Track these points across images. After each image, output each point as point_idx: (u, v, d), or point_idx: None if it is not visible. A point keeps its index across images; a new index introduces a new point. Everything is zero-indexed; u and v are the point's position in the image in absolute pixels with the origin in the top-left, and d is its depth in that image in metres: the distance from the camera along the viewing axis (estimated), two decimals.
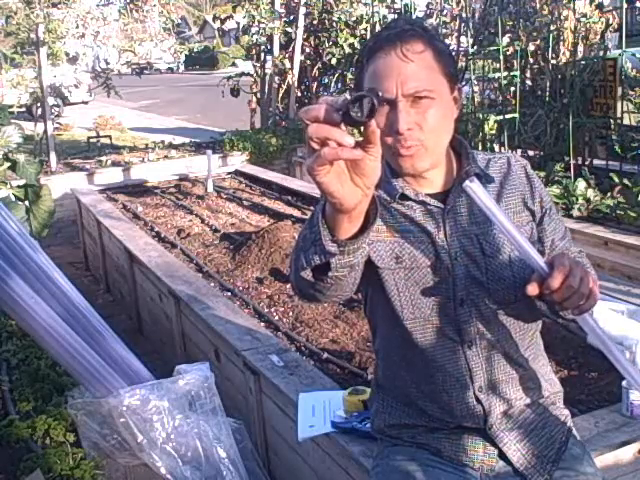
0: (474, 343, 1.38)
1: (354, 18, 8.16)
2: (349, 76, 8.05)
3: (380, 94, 0.90)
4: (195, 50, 37.75)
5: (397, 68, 1.24)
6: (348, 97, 0.86)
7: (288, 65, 8.30)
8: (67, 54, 8.14)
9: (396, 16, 7.51)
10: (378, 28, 7.27)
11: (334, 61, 8.19)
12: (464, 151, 1.40)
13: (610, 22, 5.52)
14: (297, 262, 1.12)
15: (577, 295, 1.13)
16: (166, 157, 7.70)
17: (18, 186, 4.45)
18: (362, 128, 0.88)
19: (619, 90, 5.22)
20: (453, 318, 1.37)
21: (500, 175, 1.41)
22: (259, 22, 8.29)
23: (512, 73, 5.72)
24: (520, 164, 1.44)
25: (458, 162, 1.40)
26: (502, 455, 1.41)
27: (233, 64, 31.50)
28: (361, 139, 0.89)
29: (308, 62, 8.50)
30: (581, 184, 4.87)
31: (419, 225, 1.36)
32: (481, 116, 5.99)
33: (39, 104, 7.62)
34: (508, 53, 5.83)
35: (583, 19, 5.50)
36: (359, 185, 0.91)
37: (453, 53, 6.48)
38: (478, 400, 1.40)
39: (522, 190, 1.40)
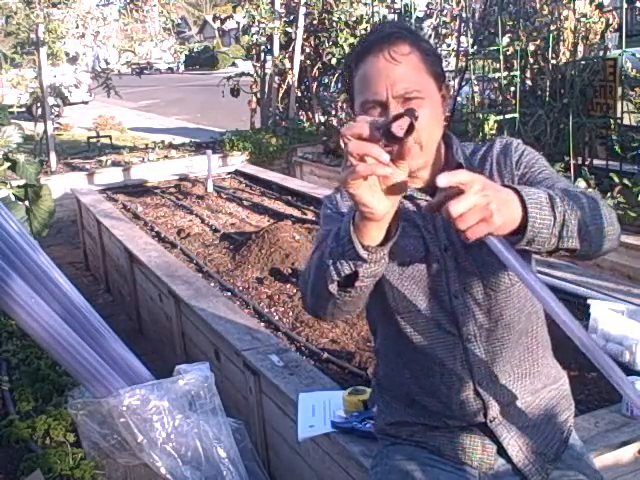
0: (472, 336, 1.38)
1: (354, 18, 8.15)
2: None
3: (417, 113, 0.96)
4: (195, 50, 37.76)
5: (385, 70, 1.26)
6: (389, 117, 0.96)
7: (288, 65, 8.30)
8: (67, 54, 8.14)
9: (396, 16, 7.51)
10: None
11: (334, 61, 8.18)
12: (451, 144, 1.40)
13: (610, 22, 5.52)
14: (319, 279, 1.20)
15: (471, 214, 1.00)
16: (166, 157, 7.71)
17: (18, 186, 4.45)
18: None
19: (619, 90, 5.22)
20: (450, 311, 1.38)
21: (483, 161, 1.40)
22: (259, 22, 8.30)
23: (512, 73, 5.72)
24: (501, 143, 1.41)
25: (446, 155, 1.41)
26: (501, 453, 1.42)
27: (233, 64, 31.49)
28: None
29: (308, 62, 8.50)
30: (581, 184, 4.87)
31: (409, 220, 1.37)
32: (481, 116, 5.98)
33: (39, 104, 7.63)
34: (508, 53, 5.83)
35: (583, 19, 5.49)
36: (389, 194, 1.01)
37: (453, 53, 6.50)
38: (478, 394, 1.40)
39: (500, 169, 1.38)
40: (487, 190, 0.99)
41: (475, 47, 6.35)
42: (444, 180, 0.97)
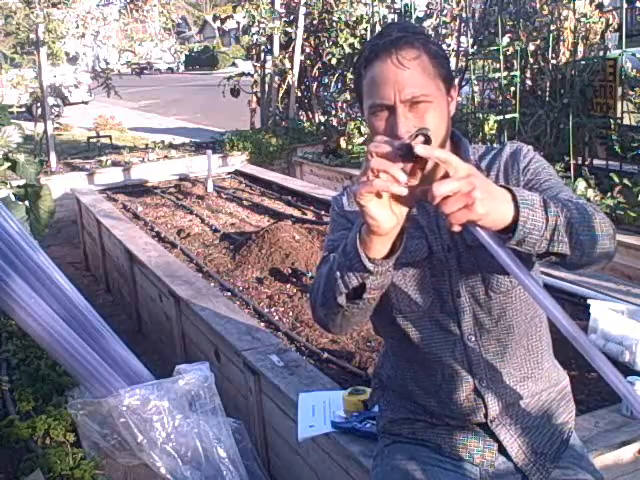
0: (473, 335, 1.39)
1: (354, 18, 8.15)
2: (349, 76, 8.05)
3: (430, 132, 1.06)
4: (195, 50, 37.79)
5: (394, 75, 1.26)
6: (406, 141, 1.06)
7: (288, 65, 8.30)
8: (67, 54, 8.14)
9: (396, 16, 7.51)
10: (378, 28, 7.26)
11: (334, 61, 8.18)
12: (460, 144, 1.41)
13: (610, 22, 5.52)
14: (329, 291, 1.24)
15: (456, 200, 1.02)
16: (166, 157, 7.71)
17: (18, 186, 4.45)
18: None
19: (619, 90, 5.22)
20: (452, 311, 1.39)
21: (491, 163, 1.41)
22: (259, 22, 8.29)
23: (512, 73, 5.72)
24: (511, 148, 1.42)
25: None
26: (502, 451, 1.42)
27: (233, 64, 31.51)
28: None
29: (308, 62, 8.50)
30: (581, 184, 4.87)
31: (413, 220, 1.37)
32: (481, 116, 5.98)
33: (39, 104, 7.62)
34: (508, 53, 5.83)
35: (583, 19, 5.49)
36: (395, 213, 1.09)
37: (453, 53, 6.49)
38: (478, 394, 1.41)
39: (507, 173, 1.39)
40: (473, 179, 1.02)
41: (475, 47, 6.35)
42: (421, 149, 1.03)
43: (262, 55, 8.68)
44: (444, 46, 6.95)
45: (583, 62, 5.46)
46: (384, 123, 1.28)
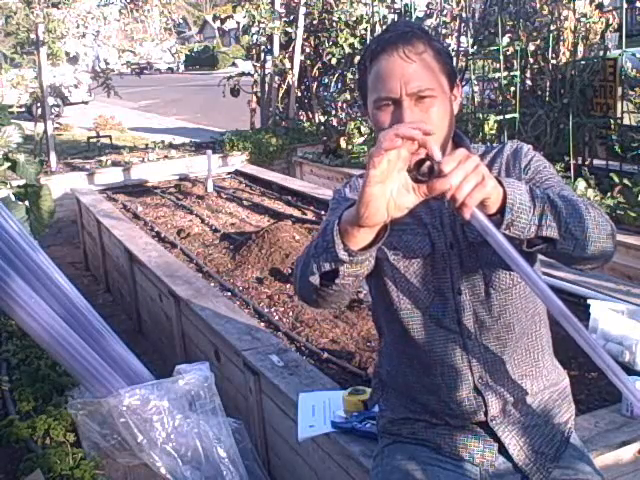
0: (474, 333, 1.39)
1: (354, 18, 8.14)
2: (349, 76, 8.05)
3: (438, 159, 1.05)
4: (195, 50, 37.83)
5: (400, 68, 1.27)
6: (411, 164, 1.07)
7: (288, 65, 8.30)
8: (67, 54, 8.14)
9: (396, 16, 7.50)
10: (378, 28, 7.26)
11: (334, 61, 8.18)
12: (461, 143, 1.41)
13: (610, 22, 5.52)
14: (306, 267, 1.22)
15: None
16: (166, 157, 7.71)
17: (18, 186, 4.45)
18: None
19: (619, 90, 5.22)
20: (453, 308, 1.39)
21: (492, 162, 1.42)
22: (259, 22, 8.29)
23: (512, 73, 5.72)
24: (512, 147, 1.43)
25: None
26: (502, 450, 1.42)
27: (233, 64, 31.51)
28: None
29: (308, 62, 8.50)
30: (581, 184, 4.87)
31: (415, 216, 1.38)
32: (481, 116, 5.98)
33: (39, 104, 7.62)
34: (508, 53, 5.83)
35: (583, 19, 5.50)
36: (390, 213, 1.07)
37: (453, 53, 6.49)
38: (478, 392, 1.41)
39: (509, 171, 1.40)
40: (474, 158, 1.04)
41: (475, 47, 6.35)
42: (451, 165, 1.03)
43: (262, 55, 8.68)
44: None
45: (583, 62, 5.46)
46: (390, 117, 1.28)
